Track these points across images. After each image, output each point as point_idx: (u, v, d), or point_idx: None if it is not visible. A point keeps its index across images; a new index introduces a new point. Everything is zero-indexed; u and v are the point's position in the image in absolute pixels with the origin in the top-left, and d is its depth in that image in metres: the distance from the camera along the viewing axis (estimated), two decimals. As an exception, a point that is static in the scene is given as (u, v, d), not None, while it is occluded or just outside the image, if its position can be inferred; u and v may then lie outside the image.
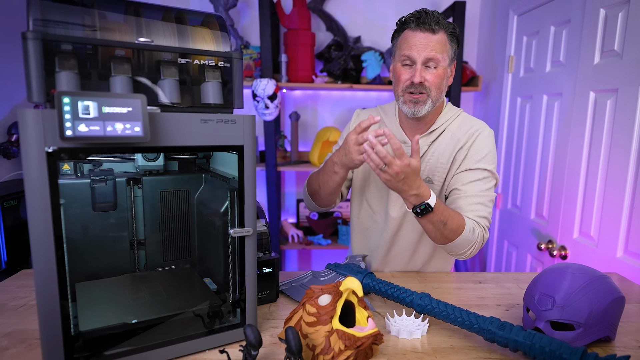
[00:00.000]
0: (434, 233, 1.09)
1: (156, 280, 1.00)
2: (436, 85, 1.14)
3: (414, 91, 1.14)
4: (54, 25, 0.68)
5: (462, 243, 1.10)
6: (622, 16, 1.48)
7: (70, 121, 0.62)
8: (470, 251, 1.13)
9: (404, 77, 1.14)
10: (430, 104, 1.15)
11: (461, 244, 1.11)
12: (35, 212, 0.64)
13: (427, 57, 1.11)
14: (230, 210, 0.89)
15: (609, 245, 1.53)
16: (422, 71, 1.12)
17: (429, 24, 1.10)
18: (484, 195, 1.16)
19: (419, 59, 1.11)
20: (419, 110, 1.15)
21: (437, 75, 1.13)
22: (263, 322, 0.97)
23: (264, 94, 2.25)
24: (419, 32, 1.12)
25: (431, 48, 1.11)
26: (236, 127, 0.79)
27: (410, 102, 1.15)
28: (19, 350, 0.83)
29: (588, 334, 0.84)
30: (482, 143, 1.19)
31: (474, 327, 0.85)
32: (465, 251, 1.13)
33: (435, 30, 1.11)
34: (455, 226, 1.08)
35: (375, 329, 0.77)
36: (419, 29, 1.11)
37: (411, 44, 1.12)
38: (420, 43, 1.11)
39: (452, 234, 1.08)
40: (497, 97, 2.46)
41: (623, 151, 1.46)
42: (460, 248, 1.12)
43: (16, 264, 1.92)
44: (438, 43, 1.11)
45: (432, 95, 1.14)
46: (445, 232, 1.08)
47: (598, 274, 0.89)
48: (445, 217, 1.06)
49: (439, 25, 1.11)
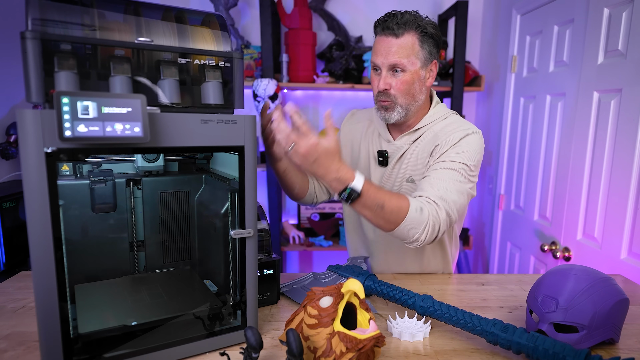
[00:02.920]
0: (375, 219, 0.99)
1: (156, 282, 1.00)
2: (402, 91, 1.11)
3: (381, 98, 1.13)
4: (53, 25, 0.67)
5: (411, 224, 0.99)
6: (626, 16, 1.47)
7: (70, 121, 0.61)
8: (425, 234, 1.01)
9: (374, 84, 1.14)
10: (399, 110, 1.14)
11: (409, 226, 0.99)
12: (34, 213, 0.64)
13: (390, 64, 1.09)
14: (230, 211, 0.88)
15: (612, 246, 1.52)
16: (387, 78, 1.11)
17: (391, 28, 1.08)
18: (453, 182, 1.07)
19: (382, 66, 1.10)
20: (388, 116, 1.15)
21: (402, 82, 1.10)
22: (264, 324, 0.96)
23: (265, 94, 2.24)
24: (383, 37, 1.10)
25: (393, 53, 1.08)
26: (237, 127, 0.78)
27: (382, 108, 1.15)
28: (17, 353, 0.83)
29: (592, 336, 0.84)
30: (464, 142, 1.12)
31: (477, 330, 0.85)
32: (419, 235, 1.00)
33: (399, 34, 1.08)
34: (395, 207, 0.97)
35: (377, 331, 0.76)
36: (384, 33, 1.10)
37: (376, 50, 1.12)
38: (383, 49, 1.10)
39: (393, 216, 0.98)
40: (500, 97, 2.45)
41: (627, 151, 1.45)
42: (410, 231, 1.00)
43: (15, 266, 1.91)
44: (402, 47, 1.08)
45: (399, 102, 1.13)
46: (385, 216, 0.97)
47: (602, 275, 0.88)
48: (379, 198, 0.96)
49: (405, 28, 1.08)
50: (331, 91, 2.73)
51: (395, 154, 1.22)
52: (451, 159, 1.10)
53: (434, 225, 1.02)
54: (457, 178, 1.09)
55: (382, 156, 1.24)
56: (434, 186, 1.06)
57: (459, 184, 1.09)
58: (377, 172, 1.27)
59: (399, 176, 1.22)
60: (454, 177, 1.09)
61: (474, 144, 1.13)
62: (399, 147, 1.22)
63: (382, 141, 1.26)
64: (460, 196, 1.08)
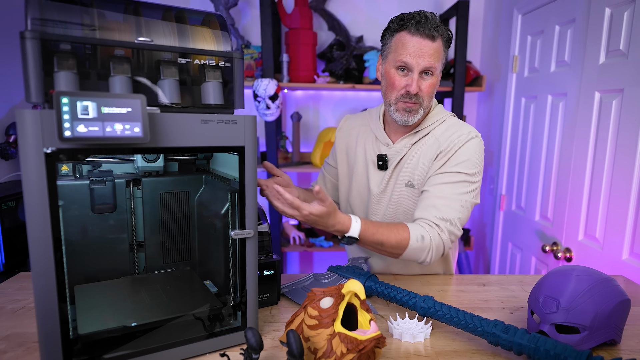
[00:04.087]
0: (378, 252, 1.09)
1: (156, 283, 1.00)
2: (429, 94, 1.12)
3: (408, 100, 1.11)
4: (53, 25, 0.67)
5: (413, 254, 1.07)
6: (628, 15, 1.47)
7: (69, 122, 0.61)
8: (429, 257, 1.08)
9: (399, 85, 1.11)
10: (421, 112, 1.14)
11: (413, 255, 1.07)
12: (33, 214, 0.64)
13: (425, 67, 1.08)
14: (230, 211, 0.88)
15: (614, 247, 1.51)
16: (419, 80, 1.09)
17: (429, 29, 1.05)
18: (455, 198, 1.10)
19: (416, 67, 1.07)
20: (411, 118, 1.14)
21: (431, 85, 1.11)
22: (264, 325, 0.96)
23: (265, 94, 2.24)
24: (418, 37, 1.06)
25: (430, 57, 1.07)
26: (237, 127, 0.78)
27: (404, 110, 1.13)
28: (17, 354, 0.82)
29: (593, 337, 0.83)
30: (464, 149, 1.13)
31: (478, 330, 0.84)
32: (423, 259, 1.08)
33: (435, 38, 1.06)
34: (395, 242, 1.05)
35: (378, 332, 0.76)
36: (418, 33, 1.06)
37: (409, 50, 1.07)
38: (419, 50, 1.06)
39: (395, 250, 1.06)
40: (501, 97, 2.44)
41: (629, 152, 1.45)
42: (414, 258, 1.08)
43: (14, 266, 1.91)
44: (436, 51, 1.08)
45: (424, 105, 1.13)
46: (387, 250, 1.07)
47: (603, 276, 0.88)
48: (377, 239, 1.04)
49: (438, 32, 1.07)
50: (332, 91, 2.72)
51: (395, 157, 1.22)
52: (452, 170, 1.12)
53: (437, 248, 1.08)
54: (459, 191, 1.11)
55: (382, 160, 1.23)
56: (436, 207, 1.09)
57: (461, 198, 1.10)
58: (376, 176, 1.26)
59: (398, 181, 1.22)
60: (456, 191, 1.10)
61: (474, 150, 1.14)
62: (399, 150, 1.21)
63: (381, 145, 1.25)
64: (464, 210, 1.11)
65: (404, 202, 1.22)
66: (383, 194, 1.24)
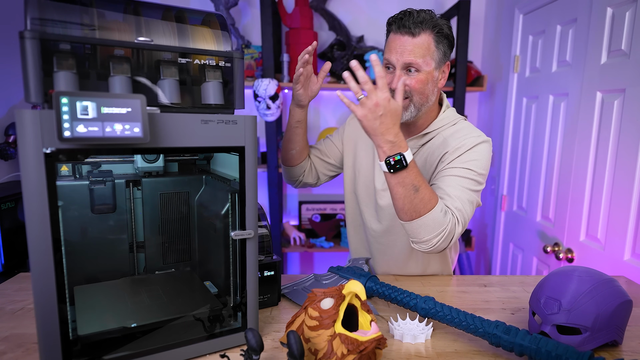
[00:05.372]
0: (403, 200, 0.98)
1: (156, 284, 0.99)
2: (418, 90, 1.10)
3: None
4: (52, 25, 0.67)
5: (432, 223, 0.98)
6: (630, 15, 1.46)
7: (69, 122, 0.61)
8: (439, 239, 1.00)
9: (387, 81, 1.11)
10: (413, 109, 1.12)
11: (430, 224, 0.98)
12: (33, 214, 0.63)
13: (405, 62, 1.07)
14: (231, 212, 0.88)
15: (616, 248, 1.51)
16: (402, 76, 1.08)
17: (408, 26, 1.06)
18: (464, 191, 1.07)
19: (397, 64, 1.08)
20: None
21: (418, 80, 1.09)
22: (264, 326, 0.96)
23: (266, 94, 2.24)
24: (399, 34, 1.07)
25: (409, 52, 1.06)
26: (237, 127, 0.78)
27: None
28: (16, 355, 0.82)
29: (595, 338, 0.83)
30: (475, 150, 1.12)
31: (479, 331, 0.84)
32: (433, 236, 0.99)
33: (416, 33, 1.06)
34: (427, 197, 0.97)
35: (379, 333, 0.76)
36: (399, 31, 1.07)
37: (391, 48, 1.09)
38: (399, 47, 1.07)
39: (422, 205, 0.97)
40: (502, 97, 2.44)
41: (630, 152, 1.44)
42: (428, 229, 0.99)
43: (13, 267, 1.91)
44: (418, 47, 1.06)
45: (414, 101, 1.11)
46: (415, 201, 0.97)
47: (605, 277, 0.88)
48: (418, 181, 0.97)
49: (422, 27, 1.06)
50: (332, 91, 2.72)
51: None
52: (463, 166, 1.10)
53: (450, 233, 1.01)
54: (469, 187, 1.09)
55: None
56: (451, 196, 1.05)
57: (470, 193, 1.09)
58: (382, 175, 1.25)
59: None
60: (466, 186, 1.08)
61: (484, 152, 1.13)
62: None
63: None
64: (471, 206, 1.09)
65: None
66: (387, 191, 1.23)
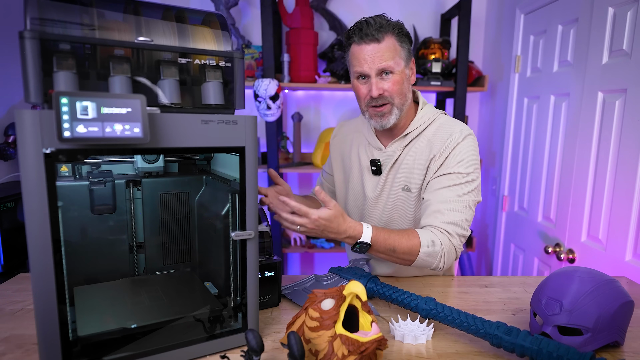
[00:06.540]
0: (390, 260, 1.09)
1: (156, 284, 0.99)
2: (397, 91, 1.11)
3: (376, 104, 1.12)
4: (52, 24, 0.67)
5: (425, 259, 1.07)
6: (631, 15, 1.46)
7: (69, 122, 0.61)
8: (441, 262, 1.08)
9: (363, 93, 1.13)
10: (396, 112, 1.14)
11: (425, 259, 1.07)
12: (32, 215, 0.63)
13: (379, 69, 1.09)
14: (231, 212, 0.87)
15: (617, 248, 1.50)
16: (378, 83, 1.10)
17: (371, 34, 1.07)
18: (457, 200, 1.10)
19: (371, 72, 1.09)
20: (386, 122, 1.14)
21: (394, 82, 1.10)
22: (265, 327, 0.96)
23: (266, 94, 2.23)
24: (364, 44, 1.09)
25: (380, 58, 1.08)
26: (237, 128, 0.78)
27: (376, 115, 1.14)
28: (16, 356, 0.82)
29: (596, 339, 0.83)
30: (459, 150, 1.13)
31: (480, 332, 0.84)
32: (435, 265, 1.09)
33: (380, 39, 1.08)
34: (407, 248, 1.05)
35: (380, 333, 0.75)
36: (363, 41, 1.09)
37: (360, 59, 1.10)
38: (368, 56, 1.09)
39: (407, 256, 1.06)
40: (503, 97, 2.44)
41: (632, 152, 1.44)
42: (427, 263, 1.08)
43: (13, 268, 1.90)
44: (386, 50, 1.08)
45: (396, 103, 1.13)
46: (399, 257, 1.06)
47: (606, 277, 0.87)
48: (390, 244, 1.04)
49: (383, 31, 1.08)
50: (333, 91, 2.72)
51: (388, 162, 1.22)
52: (451, 171, 1.12)
53: (449, 253, 1.08)
54: (461, 193, 1.11)
55: (375, 165, 1.23)
56: (441, 212, 1.09)
57: (464, 199, 1.11)
58: (371, 181, 1.26)
59: (394, 184, 1.22)
60: (458, 193, 1.11)
61: (468, 149, 1.14)
62: (391, 154, 1.21)
63: (373, 150, 1.26)
64: (469, 210, 1.12)
65: (400, 206, 1.22)
66: (379, 198, 1.24)
